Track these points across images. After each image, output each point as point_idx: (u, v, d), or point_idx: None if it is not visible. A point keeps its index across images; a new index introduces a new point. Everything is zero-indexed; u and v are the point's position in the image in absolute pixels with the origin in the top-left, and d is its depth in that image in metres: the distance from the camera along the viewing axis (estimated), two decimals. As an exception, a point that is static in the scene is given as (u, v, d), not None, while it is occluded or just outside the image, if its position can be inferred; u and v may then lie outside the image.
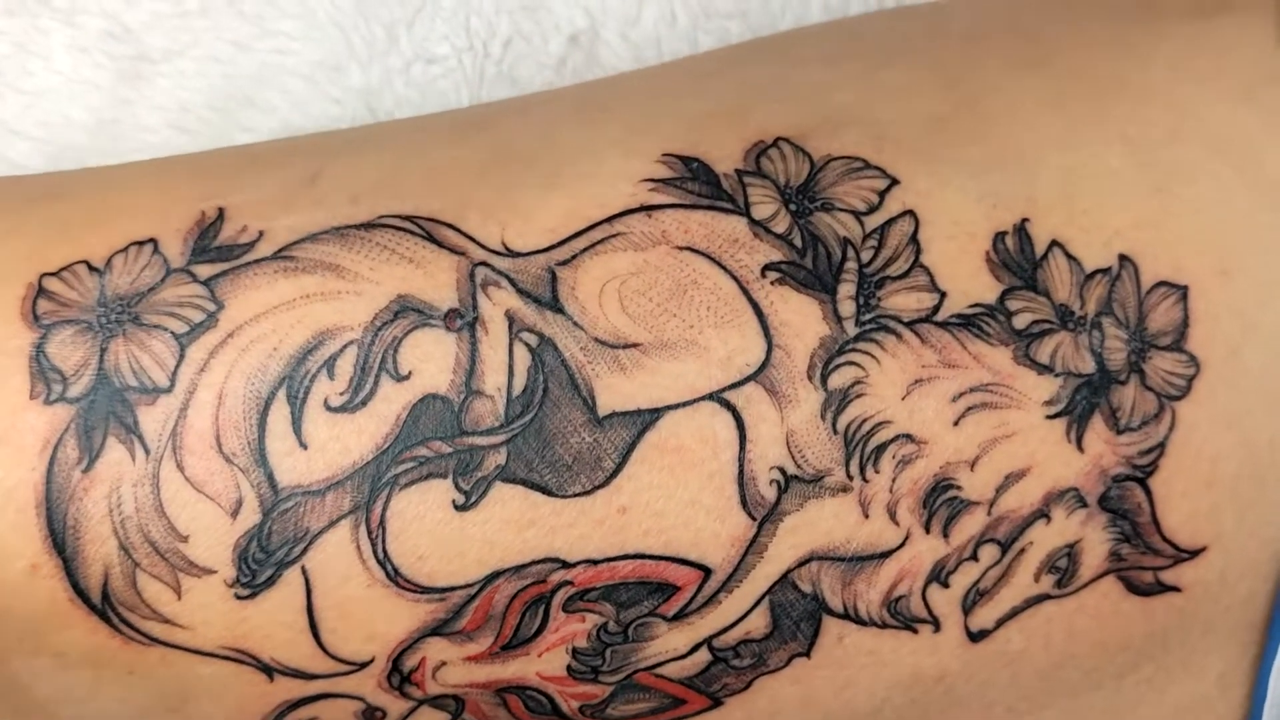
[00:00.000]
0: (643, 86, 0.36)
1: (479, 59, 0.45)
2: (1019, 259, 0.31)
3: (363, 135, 0.35)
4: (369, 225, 0.30)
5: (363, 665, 0.30)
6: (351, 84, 0.44)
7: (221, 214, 0.30)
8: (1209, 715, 0.35)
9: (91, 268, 0.30)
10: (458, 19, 0.44)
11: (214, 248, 0.30)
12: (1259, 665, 0.35)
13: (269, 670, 0.30)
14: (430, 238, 0.30)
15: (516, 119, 0.35)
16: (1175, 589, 0.33)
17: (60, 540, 0.28)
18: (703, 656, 0.31)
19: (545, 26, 0.45)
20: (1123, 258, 0.32)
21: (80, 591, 0.29)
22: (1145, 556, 0.32)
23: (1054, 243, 0.31)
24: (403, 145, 0.33)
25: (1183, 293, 0.32)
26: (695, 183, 0.31)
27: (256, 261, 0.29)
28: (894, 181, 0.31)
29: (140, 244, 0.30)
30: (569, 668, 0.30)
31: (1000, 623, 0.32)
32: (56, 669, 0.30)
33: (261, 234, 0.30)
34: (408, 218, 0.30)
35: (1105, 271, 0.32)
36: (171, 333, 0.29)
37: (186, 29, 0.44)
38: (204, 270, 0.29)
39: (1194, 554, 0.33)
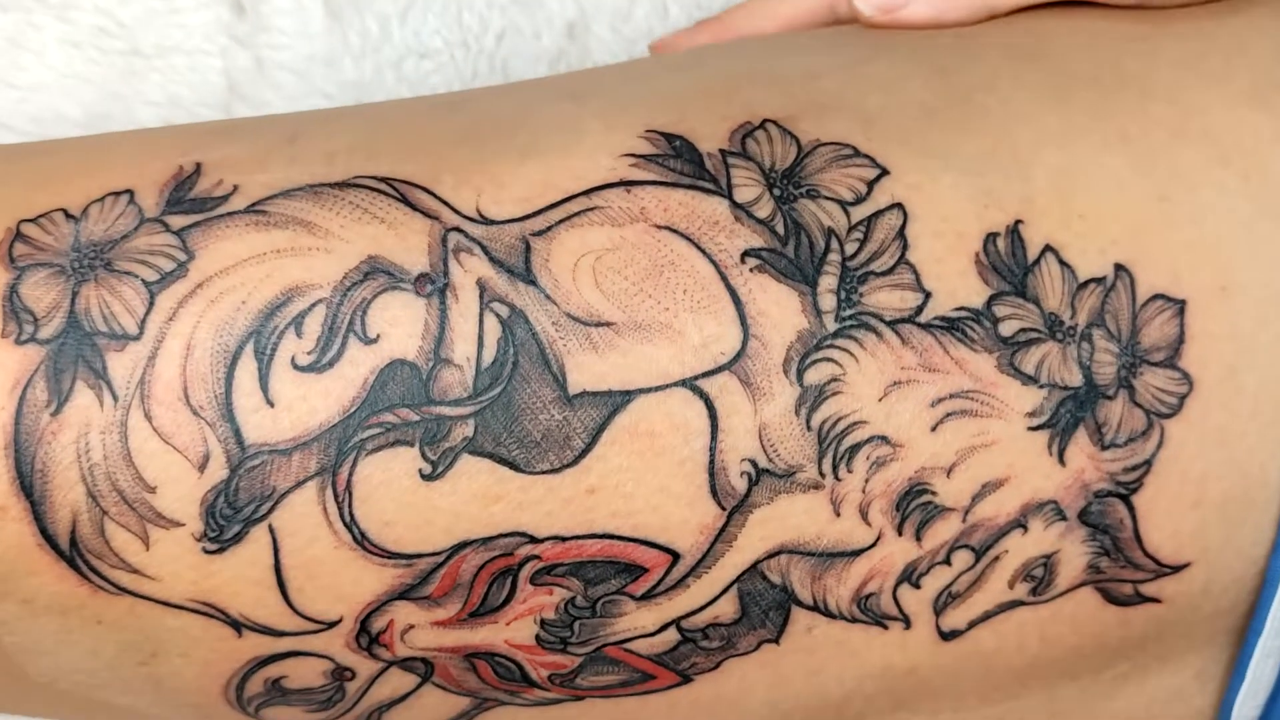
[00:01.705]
0: (626, 71, 0.36)
1: (471, 53, 0.45)
2: (1010, 263, 0.31)
3: (339, 110, 0.35)
4: (343, 185, 0.30)
5: (331, 625, 0.30)
6: (344, 78, 0.45)
7: (199, 169, 0.31)
8: (1186, 708, 0.35)
9: (68, 215, 0.30)
10: (450, 13, 0.45)
11: (188, 199, 0.30)
12: (1232, 669, 0.35)
13: (237, 625, 0.30)
14: (404, 200, 0.30)
15: (496, 97, 0.35)
16: (1155, 600, 0.33)
17: (28, 483, 0.29)
18: (671, 635, 0.31)
19: (537, 20, 0.45)
20: (1119, 267, 0.31)
21: (48, 536, 0.29)
22: (1125, 570, 0.32)
23: (1047, 247, 0.31)
24: (379, 115, 0.34)
25: (1180, 307, 0.32)
26: (678, 160, 0.31)
27: (229, 214, 0.30)
28: (884, 172, 0.31)
29: (117, 194, 0.30)
30: (538, 637, 0.31)
31: (972, 624, 0.32)
32: (25, 615, 0.30)
33: (236, 188, 0.30)
34: (382, 179, 0.30)
35: (1099, 281, 0.31)
36: (142, 280, 0.29)
37: (179, 25, 0.44)
38: (177, 221, 0.30)
39: (1176, 569, 0.32)
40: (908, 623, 0.31)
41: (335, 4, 0.44)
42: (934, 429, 0.30)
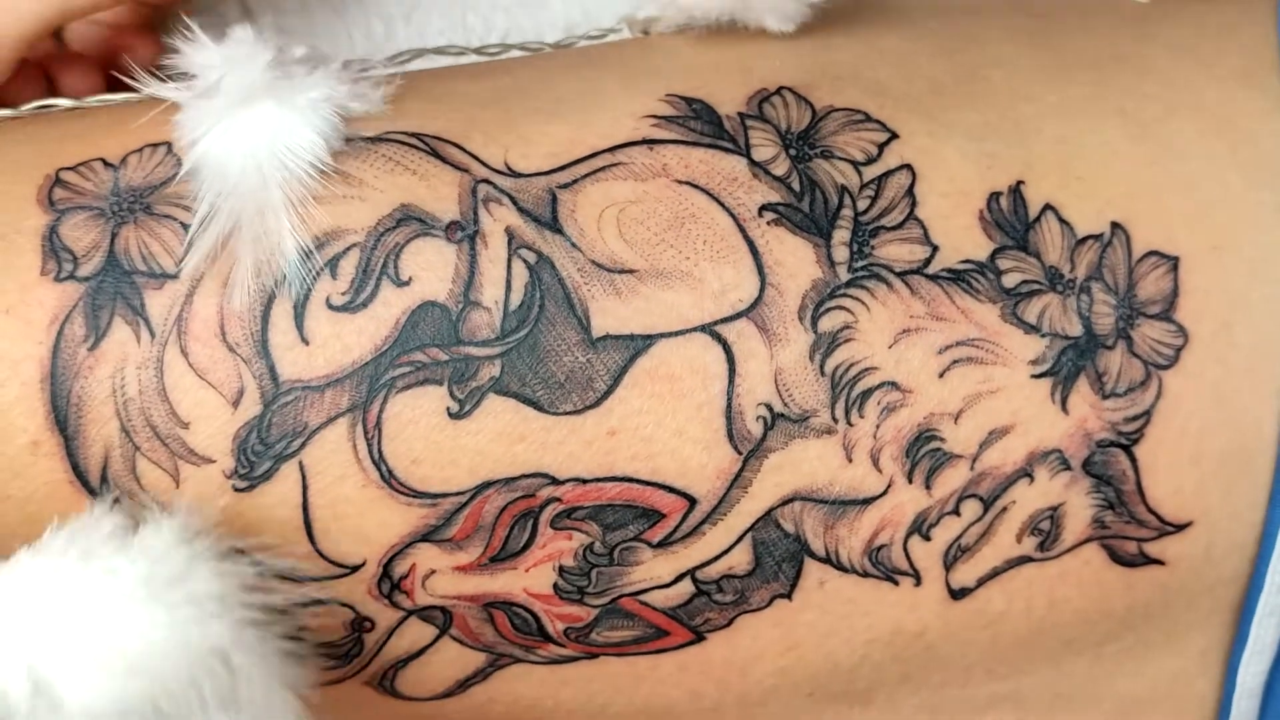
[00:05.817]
0: (645, 43, 0.38)
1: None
2: (1012, 219, 0.34)
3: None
4: (375, 139, 0.33)
5: (354, 569, 0.32)
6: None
7: None
8: (1188, 690, 0.37)
9: (107, 164, 0.32)
10: (454, 14, 0.47)
11: None
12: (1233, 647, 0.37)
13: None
14: (435, 153, 0.33)
15: (519, 66, 0.38)
16: (1159, 562, 0.35)
17: (63, 417, 0.31)
18: (686, 587, 0.33)
19: (540, 22, 0.47)
20: (1115, 225, 0.34)
21: (80, 473, 0.31)
22: (1129, 526, 0.34)
23: (1047, 206, 0.34)
24: (408, 81, 0.36)
25: (1174, 263, 0.34)
26: (697, 121, 0.34)
27: None
28: (893, 135, 0.34)
29: (155, 145, 0.33)
30: (555, 586, 0.33)
31: (981, 581, 0.34)
32: None
33: None
34: (413, 134, 0.33)
35: (1097, 237, 0.34)
36: (181, 223, 0.31)
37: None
38: None
39: (1179, 528, 0.35)
40: (918, 578, 0.34)
41: (340, 3, 0.46)
42: (941, 375, 0.33)
